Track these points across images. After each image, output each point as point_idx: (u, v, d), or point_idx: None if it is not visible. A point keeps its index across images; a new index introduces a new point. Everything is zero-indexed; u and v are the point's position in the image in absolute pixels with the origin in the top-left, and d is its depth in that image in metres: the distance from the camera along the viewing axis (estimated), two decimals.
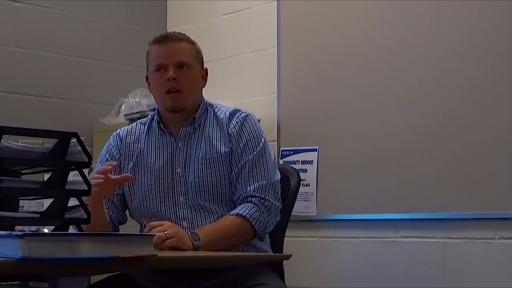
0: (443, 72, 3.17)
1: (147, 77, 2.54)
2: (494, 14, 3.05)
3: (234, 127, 2.47)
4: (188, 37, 2.52)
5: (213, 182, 2.42)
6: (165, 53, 2.45)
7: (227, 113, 2.50)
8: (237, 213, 2.35)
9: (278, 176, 2.47)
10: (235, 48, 4.04)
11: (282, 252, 2.60)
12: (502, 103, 3.00)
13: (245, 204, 2.38)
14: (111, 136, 2.60)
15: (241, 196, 2.40)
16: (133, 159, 2.52)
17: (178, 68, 2.44)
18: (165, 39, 2.47)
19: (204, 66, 2.56)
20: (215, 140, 2.46)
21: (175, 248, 2.16)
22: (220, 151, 2.44)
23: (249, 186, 2.40)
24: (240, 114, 2.50)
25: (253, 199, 2.38)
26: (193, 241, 2.21)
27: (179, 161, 2.46)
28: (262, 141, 2.48)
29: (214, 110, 2.53)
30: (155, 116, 2.55)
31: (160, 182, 2.46)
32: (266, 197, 2.39)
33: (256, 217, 2.35)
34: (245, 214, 2.34)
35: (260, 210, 2.36)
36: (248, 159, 2.43)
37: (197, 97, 2.52)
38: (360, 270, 3.39)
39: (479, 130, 3.05)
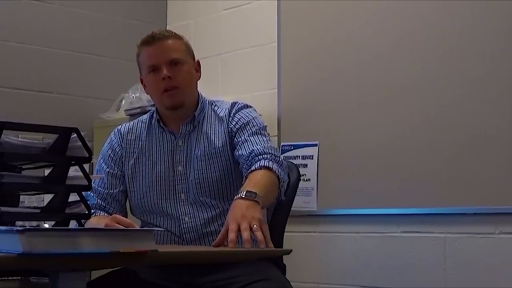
0: (443, 68, 3.17)
1: (141, 80, 2.55)
2: (494, 11, 3.04)
3: (233, 117, 2.49)
4: (175, 33, 2.51)
5: (213, 178, 2.42)
6: (154, 53, 2.45)
7: (227, 110, 2.51)
8: (260, 166, 2.29)
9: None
10: (235, 43, 4.04)
11: (282, 247, 2.60)
12: (503, 98, 2.99)
13: (257, 161, 2.32)
14: (112, 133, 2.61)
15: (248, 158, 2.35)
16: (134, 156, 2.52)
17: (170, 65, 2.44)
18: (152, 39, 2.46)
19: (196, 59, 2.55)
20: (213, 136, 2.47)
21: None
22: (218, 146, 2.45)
23: (254, 147, 2.37)
24: (238, 105, 2.53)
25: (264, 156, 2.33)
26: (255, 200, 2.12)
27: (179, 159, 2.46)
28: (264, 124, 2.49)
29: (213, 109, 2.53)
30: (154, 114, 2.55)
31: (161, 180, 2.46)
32: (275, 154, 2.36)
33: (276, 169, 2.29)
34: (269, 166, 2.28)
35: (274, 163, 2.31)
36: (250, 132, 2.43)
37: (194, 91, 2.53)
38: (360, 265, 3.39)
39: (480, 126, 3.04)
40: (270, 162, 2.30)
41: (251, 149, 2.37)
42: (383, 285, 3.28)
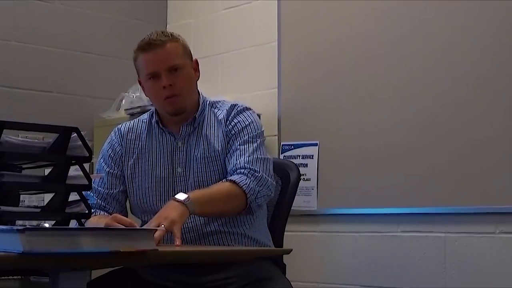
0: (443, 67, 3.17)
1: (139, 81, 2.53)
2: (495, 10, 3.04)
3: (231, 121, 2.48)
4: (171, 34, 2.47)
5: (212, 181, 2.41)
6: (153, 60, 2.41)
7: (226, 112, 2.50)
8: (226, 179, 2.36)
9: (271, 158, 2.47)
10: (235, 42, 4.04)
11: (282, 246, 2.60)
12: (503, 98, 3.00)
13: (234, 174, 2.37)
14: (113, 132, 2.60)
15: (231, 170, 2.40)
16: (134, 156, 2.52)
17: (170, 72, 2.41)
18: (149, 46, 2.42)
19: (194, 58, 2.53)
20: (213, 139, 2.46)
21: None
22: (218, 149, 2.44)
23: (239, 159, 2.39)
24: (237, 108, 2.51)
25: (243, 170, 2.37)
26: (182, 200, 2.20)
27: (179, 160, 2.46)
28: (260, 130, 2.49)
29: (213, 111, 2.52)
30: (154, 114, 2.54)
31: (160, 181, 2.45)
32: (256, 169, 2.37)
33: (246, 184, 2.33)
34: (235, 179, 2.33)
35: (249, 178, 2.35)
36: (242, 140, 2.43)
37: (194, 93, 2.52)
38: (360, 265, 3.39)
39: (480, 125, 3.04)
40: (242, 176, 2.34)
41: (235, 162, 2.40)
42: (383, 284, 3.28)
